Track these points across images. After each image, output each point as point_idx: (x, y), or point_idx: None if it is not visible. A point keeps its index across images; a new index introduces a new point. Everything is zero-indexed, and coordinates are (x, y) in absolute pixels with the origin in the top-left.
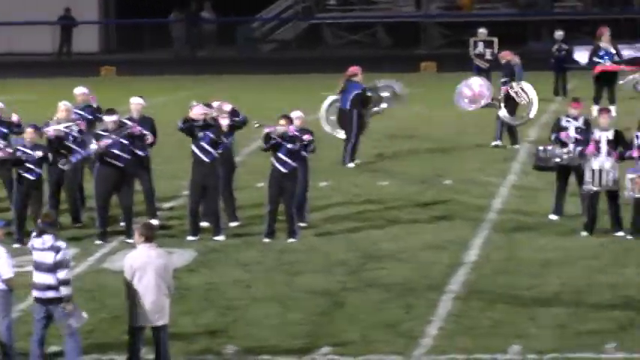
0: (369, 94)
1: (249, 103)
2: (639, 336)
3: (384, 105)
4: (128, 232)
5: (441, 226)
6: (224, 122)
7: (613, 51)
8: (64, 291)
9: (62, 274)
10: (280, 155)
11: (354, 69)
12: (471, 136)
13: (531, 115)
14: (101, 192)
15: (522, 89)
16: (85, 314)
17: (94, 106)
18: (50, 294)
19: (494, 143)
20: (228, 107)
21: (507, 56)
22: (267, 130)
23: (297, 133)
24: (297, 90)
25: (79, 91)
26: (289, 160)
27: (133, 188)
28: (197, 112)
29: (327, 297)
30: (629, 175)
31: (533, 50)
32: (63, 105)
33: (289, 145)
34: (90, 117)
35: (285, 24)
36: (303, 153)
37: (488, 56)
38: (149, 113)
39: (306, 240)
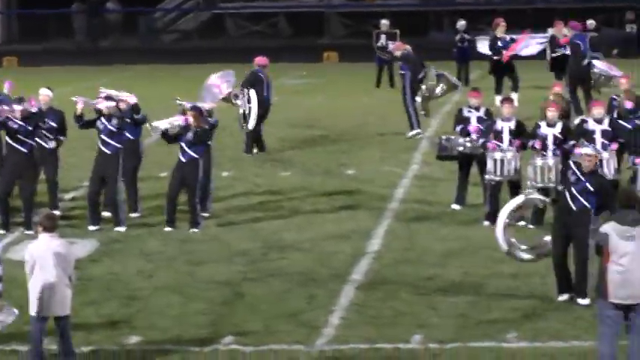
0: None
1: (151, 93)
2: (540, 325)
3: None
4: (28, 223)
5: (343, 216)
6: (103, 105)
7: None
8: None
9: None
10: (182, 145)
11: (261, 59)
12: (373, 127)
13: (250, 127)
14: (5, 181)
15: (249, 97)
16: (15, 310)
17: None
18: None
19: (411, 133)
20: (133, 100)
21: (400, 47)
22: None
23: (192, 122)
24: (198, 80)
25: None
26: (189, 150)
27: (37, 178)
28: (100, 104)
29: (229, 287)
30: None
31: (436, 41)
32: None
33: (188, 135)
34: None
35: (187, 14)
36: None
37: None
38: (56, 105)
39: (209, 230)
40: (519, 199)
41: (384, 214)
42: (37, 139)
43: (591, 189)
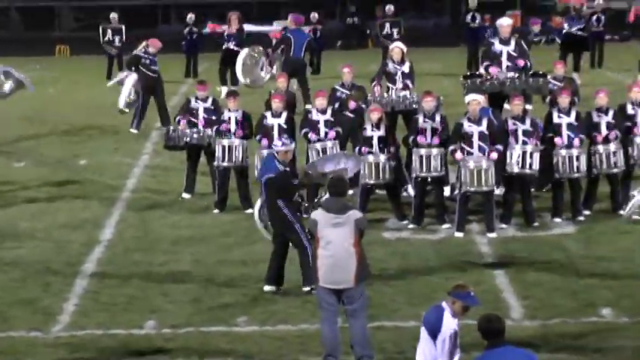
0: None
1: None
2: (270, 309)
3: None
4: None
5: (76, 205)
6: None
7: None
8: None
9: None
10: None
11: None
12: (104, 118)
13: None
14: None
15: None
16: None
17: None
18: None
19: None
20: None
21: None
22: None
23: None
24: None
25: None
26: None
27: None
28: None
29: None
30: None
31: (164, 33)
32: None
33: None
34: None
35: None
36: None
37: (117, 43)
38: None
39: None
40: None
41: (117, 204)
42: None
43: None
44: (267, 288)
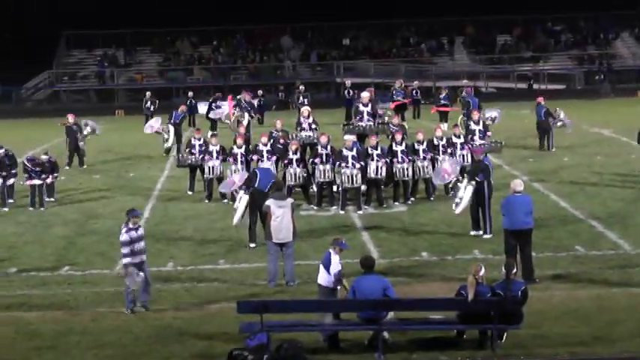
0: None
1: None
2: (237, 255)
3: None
4: None
5: (127, 199)
6: None
7: None
8: (123, 260)
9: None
10: None
11: None
12: (143, 150)
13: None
14: None
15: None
16: (138, 278)
17: None
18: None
19: None
20: None
21: None
22: None
23: None
24: None
25: None
26: None
27: None
28: None
29: None
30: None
31: (177, 103)
32: None
33: None
34: None
35: None
36: None
37: (151, 108)
38: None
39: None
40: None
41: (150, 198)
42: None
43: None
44: (252, 245)
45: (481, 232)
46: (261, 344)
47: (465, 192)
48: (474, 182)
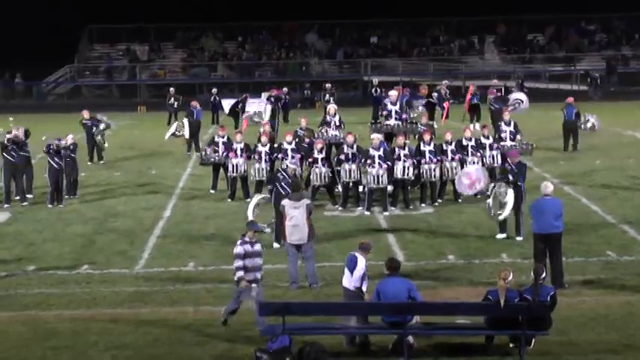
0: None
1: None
2: None
3: None
4: None
5: (149, 196)
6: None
7: None
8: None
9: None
10: None
11: None
12: (166, 147)
13: None
14: None
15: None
16: (253, 292)
17: None
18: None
19: None
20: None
21: None
22: None
23: None
24: None
25: None
26: None
27: None
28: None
29: None
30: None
31: (202, 99)
32: None
33: None
34: None
35: None
36: None
37: (174, 104)
38: None
39: None
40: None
41: (173, 196)
42: None
43: None
44: (276, 245)
45: (504, 235)
46: (283, 347)
47: (508, 196)
48: (512, 185)
